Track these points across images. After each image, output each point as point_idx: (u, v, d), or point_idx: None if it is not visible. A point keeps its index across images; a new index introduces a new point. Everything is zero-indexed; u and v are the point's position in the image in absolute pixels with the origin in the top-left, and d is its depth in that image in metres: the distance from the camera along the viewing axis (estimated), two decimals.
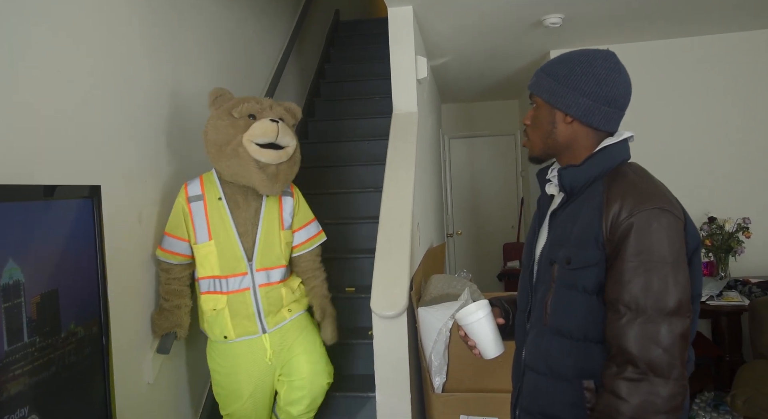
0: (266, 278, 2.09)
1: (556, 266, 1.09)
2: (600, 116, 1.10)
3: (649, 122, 3.74)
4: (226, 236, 2.06)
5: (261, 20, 3.64)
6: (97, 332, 1.40)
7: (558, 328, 1.09)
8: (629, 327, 0.97)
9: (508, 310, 1.31)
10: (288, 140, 2.07)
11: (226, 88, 2.19)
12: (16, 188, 1.21)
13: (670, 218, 1.00)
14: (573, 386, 1.07)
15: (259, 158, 2.00)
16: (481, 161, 6.14)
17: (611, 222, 1.01)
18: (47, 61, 1.63)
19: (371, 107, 4.18)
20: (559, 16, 3.06)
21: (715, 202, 3.52)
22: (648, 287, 0.97)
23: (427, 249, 2.99)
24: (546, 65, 1.17)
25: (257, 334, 2.08)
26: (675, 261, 0.99)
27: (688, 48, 3.70)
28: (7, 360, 1.09)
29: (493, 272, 5.62)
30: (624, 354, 0.98)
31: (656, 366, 0.95)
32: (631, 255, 0.99)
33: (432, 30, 3.20)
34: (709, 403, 2.91)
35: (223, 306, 2.04)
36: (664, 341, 0.96)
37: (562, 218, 1.12)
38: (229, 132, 2.03)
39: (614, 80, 1.10)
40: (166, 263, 2.10)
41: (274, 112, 2.12)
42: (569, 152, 1.14)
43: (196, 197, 2.08)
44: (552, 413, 1.11)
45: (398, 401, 2.04)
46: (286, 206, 2.21)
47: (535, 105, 1.18)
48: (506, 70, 4.47)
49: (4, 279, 1.09)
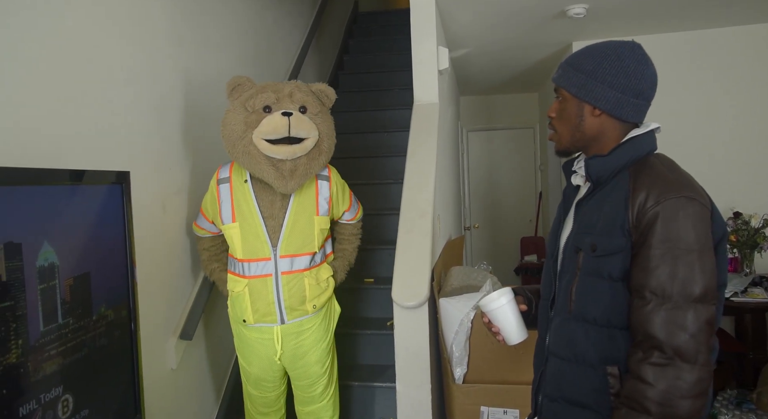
0: (290, 265, 2.02)
1: (582, 254, 1.11)
2: (629, 108, 1.11)
3: (677, 114, 3.68)
4: (250, 218, 2.01)
5: (281, 10, 3.64)
6: (126, 316, 1.42)
7: (582, 315, 1.11)
8: (655, 313, 0.99)
9: (531, 299, 1.32)
10: (306, 132, 1.95)
11: (247, 77, 2.09)
12: (45, 172, 1.23)
13: (696, 207, 1.01)
14: (597, 372, 1.08)
15: (271, 155, 1.91)
16: (500, 154, 6.09)
17: (637, 210, 1.03)
18: (76, 49, 1.65)
19: (390, 98, 4.16)
20: (583, 6, 3.01)
21: (741, 197, 3.45)
22: (674, 274, 0.98)
23: (446, 242, 2.98)
24: (571, 58, 1.17)
25: (275, 323, 2.03)
26: (701, 249, 1.00)
27: (721, 38, 3.61)
28: (43, 340, 1.12)
29: (510, 266, 5.59)
30: (650, 340, 0.99)
31: (683, 351, 0.96)
32: (658, 242, 1.00)
33: (453, 21, 3.17)
34: (732, 401, 2.87)
35: (242, 290, 2.02)
36: (691, 327, 0.97)
37: (588, 207, 1.13)
38: (240, 128, 1.95)
39: (642, 72, 1.11)
40: (196, 235, 2.24)
41: (295, 99, 1.99)
42: (596, 144, 1.15)
43: (224, 179, 2.07)
44: (575, 398, 1.12)
45: (418, 391, 2.04)
46: (322, 191, 2.10)
47: (561, 98, 1.18)
48: (527, 62, 4.42)
49: (39, 261, 1.11)
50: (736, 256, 3.28)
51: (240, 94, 2.03)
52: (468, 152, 6.01)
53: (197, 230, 2.22)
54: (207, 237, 2.22)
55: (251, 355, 2.10)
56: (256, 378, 2.14)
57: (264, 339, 2.06)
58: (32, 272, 1.09)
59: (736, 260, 3.29)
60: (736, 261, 3.29)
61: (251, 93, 2.00)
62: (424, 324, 2.05)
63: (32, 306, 1.09)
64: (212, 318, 2.46)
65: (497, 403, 2.02)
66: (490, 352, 2.07)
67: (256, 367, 2.12)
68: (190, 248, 2.32)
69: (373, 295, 2.92)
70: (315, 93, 2.09)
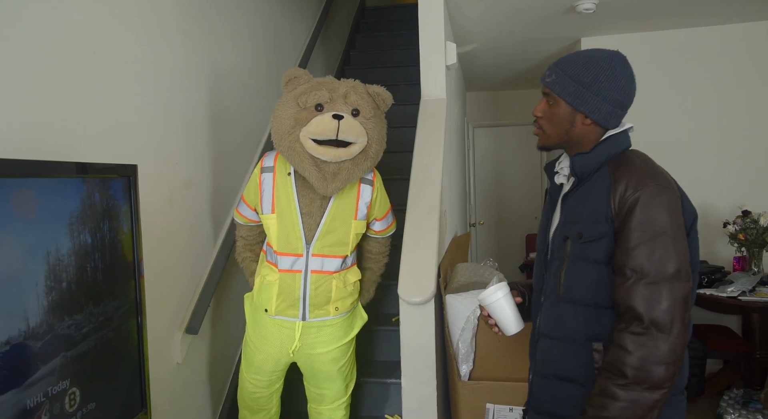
0: (320, 265, 1.99)
1: (569, 242, 1.21)
2: (615, 118, 1.23)
3: (687, 112, 3.65)
4: (288, 211, 1.99)
5: (288, 4, 3.63)
6: (132, 309, 1.42)
7: (571, 296, 1.21)
8: (635, 288, 1.10)
9: (524, 292, 1.42)
10: (354, 137, 1.90)
11: (304, 70, 2.03)
12: (57, 164, 1.22)
13: (669, 194, 1.14)
14: (584, 348, 1.19)
15: (316, 155, 1.87)
16: (506, 150, 6.07)
17: (619, 198, 1.14)
18: (84, 42, 1.64)
19: (396, 94, 4.11)
20: (593, 2, 2.98)
21: (750, 195, 3.43)
22: (651, 254, 1.10)
23: (452, 238, 2.97)
24: (566, 65, 1.24)
25: (296, 319, 2.01)
26: (675, 232, 1.11)
27: (732, 35, 3.56)
28: (53, 334, 1.11)
29: (515, 263, 5.58)
30: (631, 311, 1.10)
31: (658, 322, 1.07)
32: (637, 225, 1.11)
33: (461, 15, 3.15)
34: (738, 400, 2.85)
35: (275, 280, 2.00)
36: (666, 301, 1.08)
37: (574, 199, 1.24)
38: (289, 123, 1.91)
39: (630, 88, 1.23)
40: (236, 221, 2.23)
41: (349, 101, 1.94)
42: (579, 145, 1.26)
43: (268, 168, 2.04)
44: (564, 374, 1.23)
45: (424, 387, 2.04)
46: (363, 195, 2.06)
47: (552, 102, 1.26)
48: (534, 58, 4.39)
49: (52, 254, 1.11)
50: (744, 255, 3.25)
51: (295, 87, 1.98)
52: (474, 148, 5.99)
53: (238, 217, 2.20)
54: (246, 226, 2.20)
55: (263, 341, 2.06)
56: (259, 366, 2.09)
57: (283, 327, 2.04)
58: (40, 265, 1.09)
59: (743, 259, 3.26)
60: (744, 260, 3.26)
61: (306, 88, 1.94)
62: (431, 321, 2.04)
63: (38, 299, 1.09)
64: (218, 312, 2.46)
65: (503, 400, 2.02)
66: (496, 349, 2.07)
67: (263, 354, 2.06)
68: (197, 243, 2.31)
69: (378, 290, 2.91)
70: (371, 95, 2.04)
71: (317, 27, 4.10)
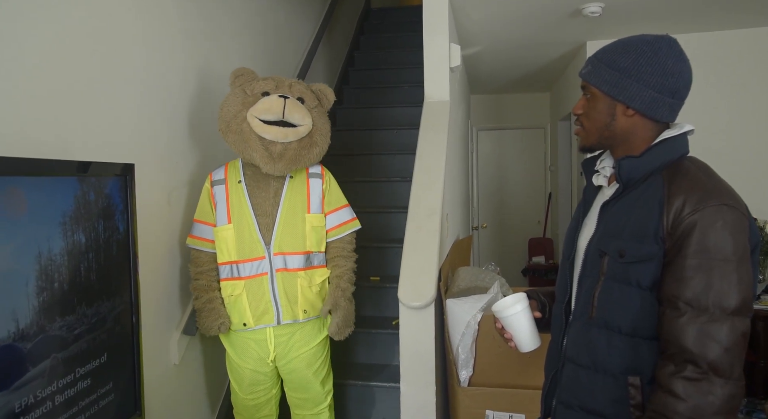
0: (284, 263, 1.99)
1: (607, 259, 1.06)
2: (664, 108, 1.06)
3: (695, 117, 3.61)
4: (243, 218, 2.00)
5: (292, 4, 3.61)
6: (128, 310, 1.40)
7: (606, 321, 1.06)
8: (690, 326, 0.94)
9: (545, 302, 1.29)
10: (299, 119, 1.96)
11: (250, 69, 2.12)
12: (51, 163, 1.21)
13: (735, 215, 0.97)
14: (618, 381, 1.04)
15: (262, 134, 1.92)
16: (509, 154, 6.04)
17: (673, 217, 0.98)
18: (85, 42, 1.63)
19: (400, 95, 4.13)
20: (599, 5, 2.96)
21: (756, 203, 3.38)
22: (710, 285, 0.94)
23: (454, 241, 2.94)
24: (603, 54, 1.11)
25: (272, 323, 2.00)
26: (739, 259, 0.95)
27: (745, 40, 3.53)
28: (44, 335, 1.09)
29: (517, 267, 5.55)
30: (684, 353, 0.95)
31: (717, 366, 0.92)
32: (694, 252, 0.95)
33: (466, 18, 3.13)
34: (742, 410, 2.82)
35: (240, 292, 1.99)
36: (726, 340, 0.93)
37: (616, 209, 1.08)
38: (235, 108, 1.98)
39: (680, 70, 1.06)
40: (195, 251, 2.06)
41: (294, 90, 2.03)
42: (626, 144, 1.10)
43: (219, 181, 2.06)
44: (592, 407, 1.09)
45: (423, 392, 2.01)
46: (313, 189, 2.09)
47: (589, 96, 1.12)
48: (539, 61, 4.36)
49: (44, 254, 1.09)
50: None
51: (243, 83, 2.07)
52: (477, 151, 5.97)
53: (197, 244, 2.05)
54: (207, 253, 2.05)
55: (243, 358, 2.05)
56: (250, 381, 2.09)
57: (259, 340, 2.03)
58: (31, 265, 1.07)
59: None
60: None
61: (253, 78, 2.06)
62: (430, 325, 2.02)
63: (29, 299, 1.07)
64: None
65: (503, 407, 1.99)
66: (496, 355, 2.04)
67: (249, 368, 2.06)
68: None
69: (377, 294, 2.89)
70: (314, 92, 2.12)
71: (321, 28, 4.09)
